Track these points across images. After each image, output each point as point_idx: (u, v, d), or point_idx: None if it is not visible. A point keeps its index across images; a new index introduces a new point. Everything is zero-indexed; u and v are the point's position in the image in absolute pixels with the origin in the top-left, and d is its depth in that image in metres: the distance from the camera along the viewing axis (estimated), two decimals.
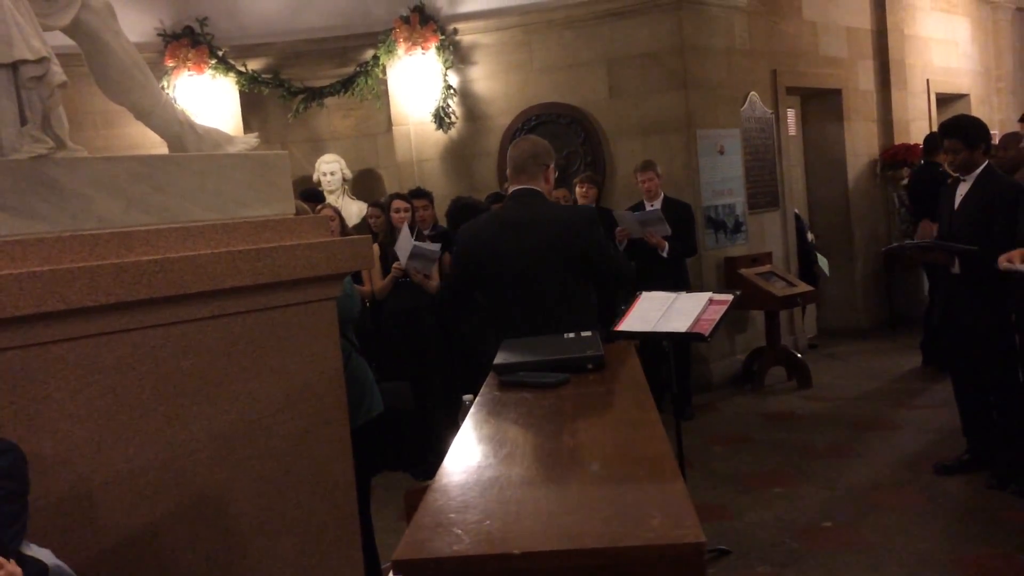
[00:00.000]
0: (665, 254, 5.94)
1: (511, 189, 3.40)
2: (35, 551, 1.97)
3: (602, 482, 1.31)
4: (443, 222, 6.20)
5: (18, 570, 1.76)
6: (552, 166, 3.42)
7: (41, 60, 2.42)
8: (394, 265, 5.33)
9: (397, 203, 5.64)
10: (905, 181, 8.39)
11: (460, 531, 1.16)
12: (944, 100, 9.83)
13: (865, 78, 8.65)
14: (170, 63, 7.10)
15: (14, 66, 2.42)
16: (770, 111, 7.61)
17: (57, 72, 2.46)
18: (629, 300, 3.81)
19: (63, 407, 2.30)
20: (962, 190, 4.43)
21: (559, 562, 1.05)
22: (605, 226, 4.42)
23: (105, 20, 2.79)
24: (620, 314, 3.78)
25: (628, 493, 1.24)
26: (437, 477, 1.41)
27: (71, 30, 2.76)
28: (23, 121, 2.46)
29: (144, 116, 2.94)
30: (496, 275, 3.28)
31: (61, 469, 2.27)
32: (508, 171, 3.45)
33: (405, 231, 5.28)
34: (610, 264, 3.36)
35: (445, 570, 1.07)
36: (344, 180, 7.46)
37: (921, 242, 4.48)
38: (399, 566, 1.09)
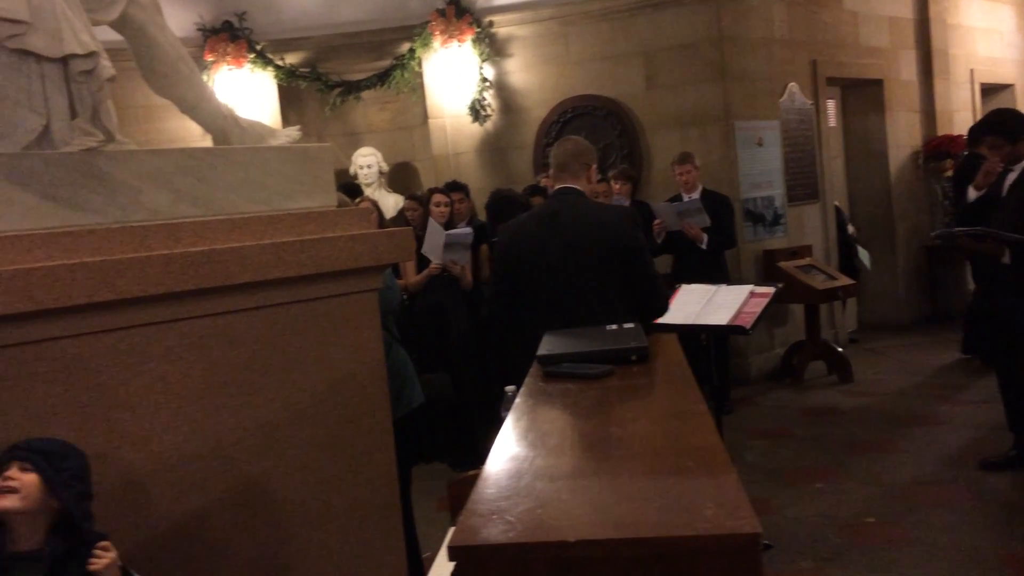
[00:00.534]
0: (704, 246, 5.90)
1: (554, 187, 3.41)
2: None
3: (653, 473, 1.30)
4: (481, 215, 6.21)
5: (115, 553, 1.92)
6: (594, 167, 3.44)
7: (90, 54, 2.47)
8: (432, 265, 5.29)
9: (437, 197, 5.63)
10: (949, 173, 8.25)
11: (513, 519, 1.16)
12: (989, 90, 9.63)
13: (907, 68, 8.51)
14: (209, 57, 7.19)
15: (64, 60, 2.46)
16: (810, 102, 7.52)
17: (106, 66, 2.51)
18: (668, 293, 3.79)
19: (115, 395, 2.34)
20: (1010, 179, 4.35)
21: (614, 550, 1.05)
22: (643, 219, 4.39)
23: (151, 15, 2.83)
24: None
25: (680, 484, 1.23)
26: (486, 466, 1.41)
27: (118, 25, 2.80)
28: (73, 115, 2.50)
29: (189, 110, 2.97)
30: (536, 274, 3.27)
31: (112, 456, 2.31)
32: (551, 171, 3.47)
33: (432, 227, 5.26)
34: (646, 272, 3.26)
35: (500, 556, 1.08)
36: (381, 173, 7.49)
37: (973, 229, 4.38)
38: (454, 552, 1.10)
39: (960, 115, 8.92)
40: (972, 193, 4.53)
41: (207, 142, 3.17)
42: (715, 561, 1.03)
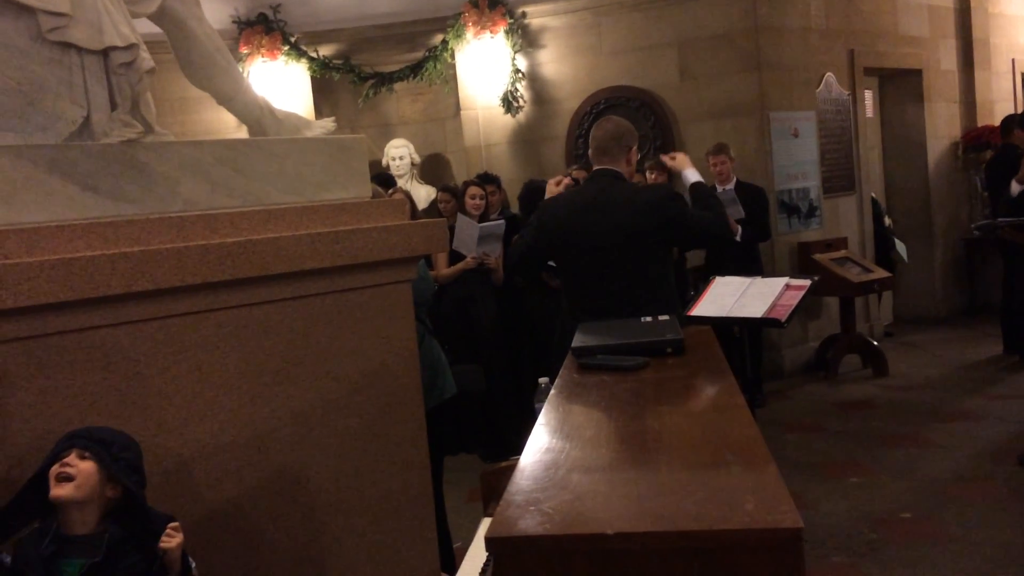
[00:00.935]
0: (738, 238, 5.85)
1: (593, 169, 3.39)
2: None
3: (692, 466, 1.29)
4: (514, 206, 6.20)
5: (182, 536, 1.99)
6: (635, 148, 3.43)
7: (130, 46, 2.49)
8: (468, 258, 5.28)
9: (473, 189, 5.54)
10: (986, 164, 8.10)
11: (550, 510, 1.16)
12: None
13: (947, 58, 8.35)
14: (244, 50, 7.24)
15: (105, 52, 2.49)
16: (847, 92, 7.41)
17: (145, 58, 2.53)
18: (704, 282, 3.77)
19: (152, 384, 2.37)
20: None
21: (654, 543, 1.04)
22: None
23: (190, 7, 2.85)
24: (692, 299, 3.74)
25: (719, 477, 1.22)
26: (522, 457, 1.41)
27: (157, 17, 2.83)
28: (113, 106, 2.53)
29: (226, 101, 2.99)
30: (573, 255, 3.27)
31: (150, 444, 2.34)
32: (590, 152, 3.44)
33: (462, 221, 5.24)
34: (699, 225, 3.27)
35: (538, 548, 1.07)
36: (413, 165, 7.50)
37: (1016, 220, 4.29)
38: (492, 543, 1.10)
39: (1001, 105, 8.74)
40: (1016, 187, 4.45)
41: (242, 133, 3.21)
42: (756, 555, 1.02)
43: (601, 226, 3.18)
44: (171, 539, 1.97)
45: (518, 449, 2.16)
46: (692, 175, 3.54)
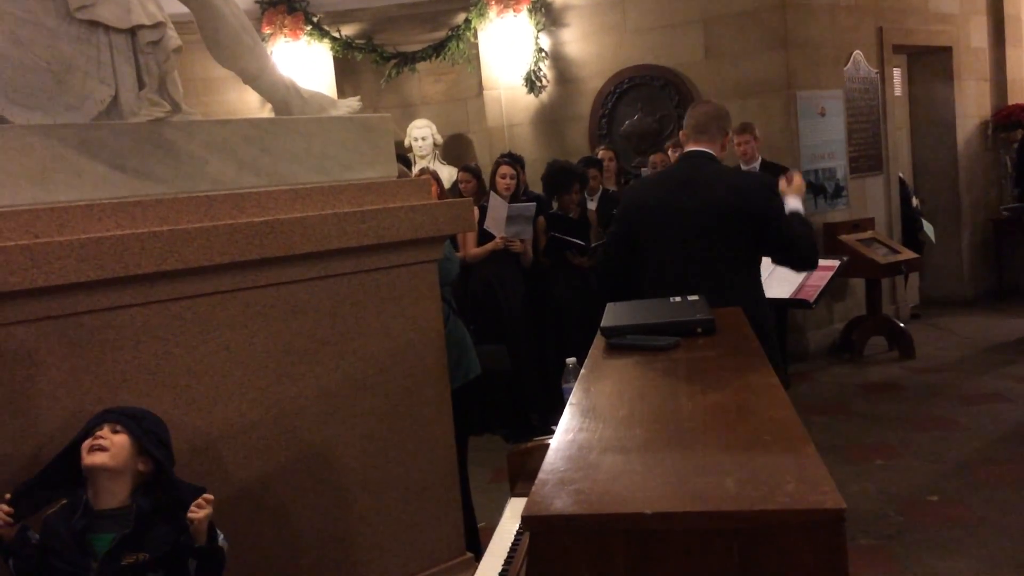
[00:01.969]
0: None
1: (685, 149, 3.33)
2: None
3: (729, 446, 1.28)
4: (536, 186, 6.17)
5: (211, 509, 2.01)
6: (731, 134, 3.38)
7: (157, 25, 2.49)
8: (497, 238, 5.26)
9: (503, 169, 5.44)
10: (1018, 144, 7.98)
11: (587, 489, 1.15)
12: None
13: (978, 35, 8.20)
14: (267, 30, 7.24)
15: (132, 31, 2.49)
16: (875, 70, 7.30)
17: (173, 37, 2.53)
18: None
19: (182, 362, 2.38)
20: None
21: (693, 524, 1.03)
22: None
23: None
24: None
25: (758, 457, 1.20)
26: (555, 437, 1.40)
27: None
28: (141, 85, 2.53)
29: (252, 80, 2.98)
30: (659, 233, 3.20)
31: (180, 422, 2.36)
32: (685, 131, 3.36)
33: (494, 200, 5.21)
34: (791, 233, 3.12)
35: (576, 527, 1.06)
36: (435, 145, 7.48)
37: None
38: (528, 521, 1.09)
39: None
40: None
41: (266, 113, 3.20)
42: (797, 536, 1.01)
43: (694, 204, 3.11)
44: (199, 510, 1.99)
45: (543, 430, 2.15)
46: (795, 203, 3.26)
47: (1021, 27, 8.48)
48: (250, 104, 7.02)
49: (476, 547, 3.30)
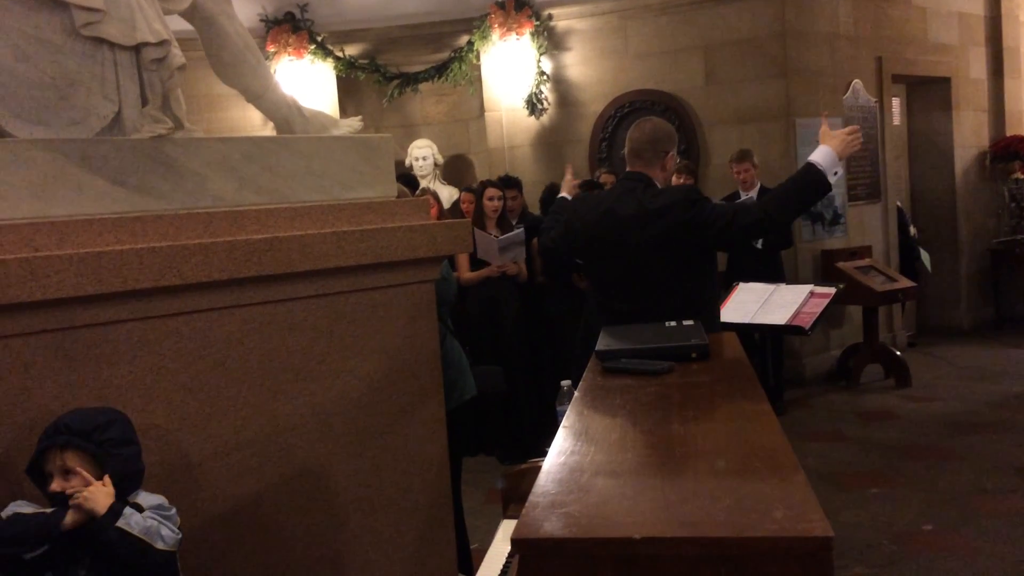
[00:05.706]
0: (759, 245, 5.81)
1: (626, 170, 3.34)
2: (143, 498, 2.06)
3: (719, 472, 1.28)
4: (534, 209, 6.19)
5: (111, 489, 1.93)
6: (672, 152, 3.25)
7: (162, 43, 2.51)
8: (492, 266, 5.29)
9: (491, 191, 5.49)
10: (1018, 175, 8.02)
11: (576, 513, 1.15)
12: None
13: (976, 66, 8.27)
14: (271, 48, 7.29)
15: (137, 48, 2.51)
16: (874, 100, 7.36)
17: (177, 55, 2.55)
18: (727, 288, 3.74)
19: (177, 378, 2.38)
20: None
21: (681, 549, 1.03)
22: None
23: (221, 5, 2.86)
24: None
25: (747, 484, 1.21)
26: (547, 460, 1.40)
27: (188, 14, 2.84)
28: (144, 102, 2.55)
29: (255, 99, 3.01)
30: (596, 259, 3.24)
31: (173, 438, 2.36)
32: (625, 152, 3.33)
33: (481, 238, 5.16)
34: (720, 222, 2.97)
35: (565, 550, 1.07)
36: (436, 165, 7.52)
37: None
38: (518, 544, 1.09)
39: None
40: None
41: (268, 131, 3.23)
42: (786, 564, 1.01)
43: (619, 232, 3.11)
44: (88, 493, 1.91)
45: (537, 451, 2.16)
46: (818, 155, 3.03)
47: (1020, 59, 8.55)
48: (253, 122, 7.06)
49: (469, 569, 3.29)
